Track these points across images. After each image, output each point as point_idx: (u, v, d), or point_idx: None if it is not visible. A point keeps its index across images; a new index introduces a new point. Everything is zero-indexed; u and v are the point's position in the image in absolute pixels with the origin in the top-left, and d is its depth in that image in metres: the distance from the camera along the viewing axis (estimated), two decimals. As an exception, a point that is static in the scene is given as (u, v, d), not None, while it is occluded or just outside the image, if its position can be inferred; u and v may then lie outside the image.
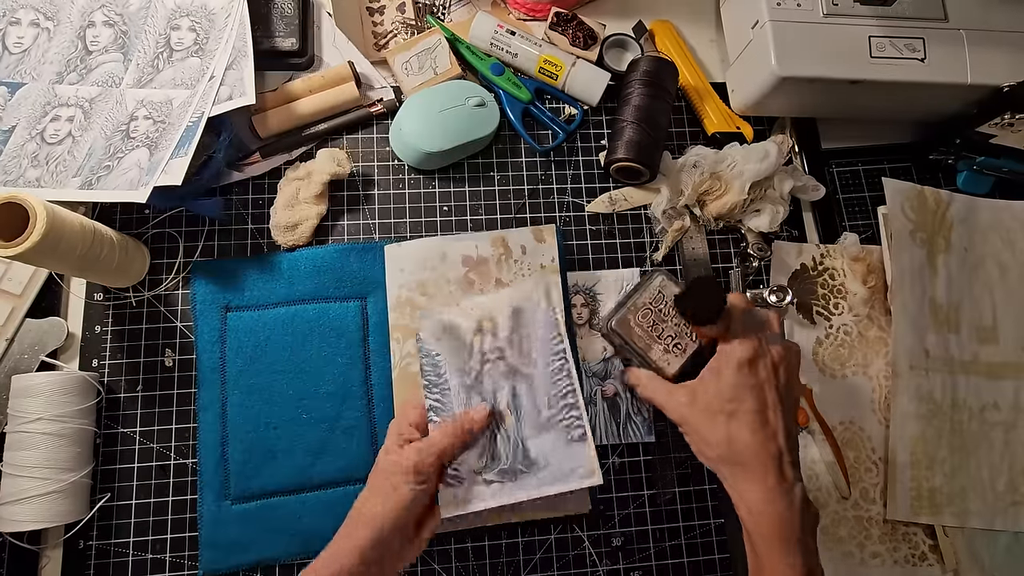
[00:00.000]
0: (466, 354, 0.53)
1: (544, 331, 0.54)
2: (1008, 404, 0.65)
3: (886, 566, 0.60)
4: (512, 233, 0.61)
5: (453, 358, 0.52)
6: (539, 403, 0.53)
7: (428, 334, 0.52)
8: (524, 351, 0.54)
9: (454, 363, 0.53)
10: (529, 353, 0.54)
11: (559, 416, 0.53)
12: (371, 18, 0.70)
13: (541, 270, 0.60)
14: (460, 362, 0.53)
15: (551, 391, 0.53)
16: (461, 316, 0.53)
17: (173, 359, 0.58)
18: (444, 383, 0.52)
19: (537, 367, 0.54)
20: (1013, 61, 0.64)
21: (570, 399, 0.53)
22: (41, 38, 0.62)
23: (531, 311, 0.54)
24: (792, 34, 0.62)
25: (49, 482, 0.50)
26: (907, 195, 0.68)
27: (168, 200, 0.57)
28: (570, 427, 0.53)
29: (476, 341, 0.53)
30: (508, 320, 0.53)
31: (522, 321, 0.53)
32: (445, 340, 0.52)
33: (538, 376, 0.53)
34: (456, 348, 0.52)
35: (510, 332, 0.53)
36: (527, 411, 0.53)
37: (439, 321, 0.52)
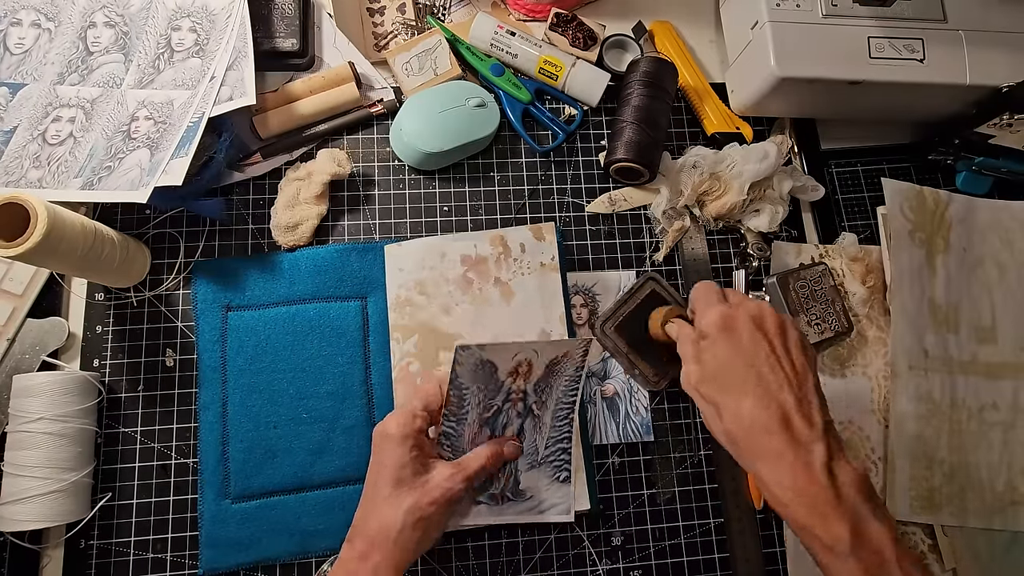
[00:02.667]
0: (495, 392, 0.52)
1: (568, 384, 0.55)
2: (1007, 404, 0.65)
3: (885, 565, 0.60)
4: (511, 232, 0.61)
5: (482, 395, 0.52)
6: (539, 443, 0.55)
7: (465, 370, 0.50)
8: (543, 398, 0.54)
9: (481, 399, 0.52)
10: (546, 400, 0.54)
11: (552, 457, 0.56)
12: (371, 19, 0.70)
13: (541, 268, 0.60)
14: (486, 398, 0.52)
15: (552, 434, 0.55)
16: (500, 356, 0.51)
17: (174, 359, 0.58)
18: (464, 414, 0.52)
19: (547, 411, 0.55)
20: (1012, 61, 0.64)
21: (565, 444, 0.56)
22: (42, 39, 0.62)
23: (566, 365, 0.54)
24: (791, 35, 0.62)
25: (50, 482, 0.51)
26: (906, 195, 0.68)
27: (169, 200, 0.57)
28: (559, 468, 0.56)
29: (508, 382, 0.52)
30: (543, 369, 0.53)
31: (554, 373, 0.53)
32: (480, 376, 0.51)
33: (545, 419, 0.55)
34: (487, 385, 0.52)
35: (539, 379, 0.53)
36: (527, 447, 0.55)
37: (478, 359, 0.50)
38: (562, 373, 0.54)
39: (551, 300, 0.60)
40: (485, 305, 0.59)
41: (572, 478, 0.56)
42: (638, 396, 0.61)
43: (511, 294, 0.60)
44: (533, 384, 0.53)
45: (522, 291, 0.60)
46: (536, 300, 0.60)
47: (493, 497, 0.54)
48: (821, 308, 0.62)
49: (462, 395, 0.51)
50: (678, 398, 0.62)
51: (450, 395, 0.50)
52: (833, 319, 0.62)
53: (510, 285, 0.60)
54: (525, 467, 0.55)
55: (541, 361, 0.52)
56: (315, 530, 0.55)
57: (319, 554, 0.55)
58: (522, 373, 0.53)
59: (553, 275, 0.60)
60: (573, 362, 0.54)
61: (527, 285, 0.60)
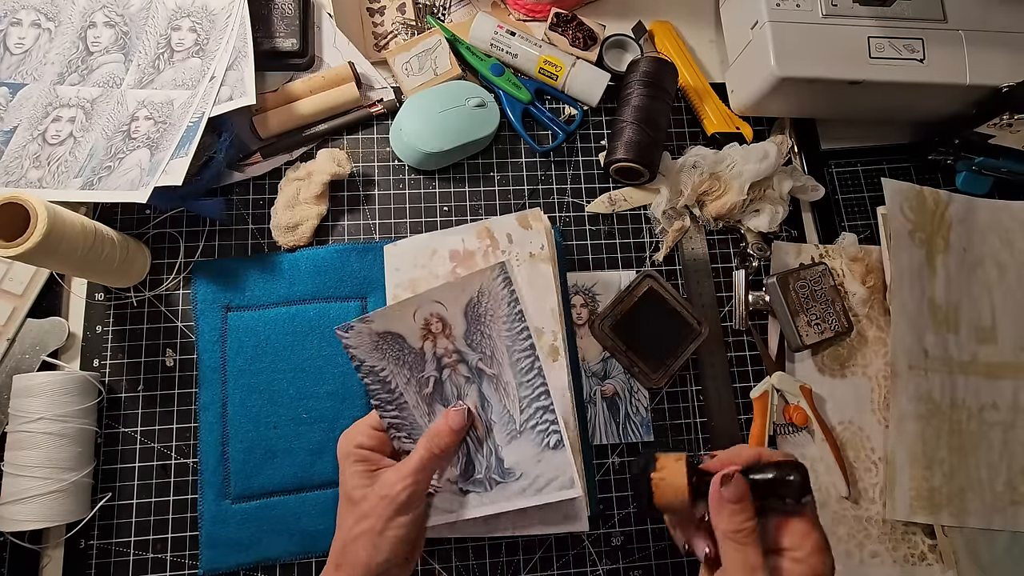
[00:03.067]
0: (418, 361, 0.46)
1: (508, 325, 0.46)
2: (1007, 404, 0.65)
3: (885, 565, 0.60)
4: (496, 222, 0.58)
5: (401, 369, 0.46)
6: (510, 406, 0.47)
7: (362, 351, 0.44)
8: (486, 351, 0.47)
9: (404, 374, 0.46)
10: (492, 352, 0.47)
11: (532, 421, 0.47)
12: (371, 19, 0.70)
13: (530, 259, 0.57)
14: (412, 372, 0.46)
15: (522, 392, 0.47)
16: (399, 320, 0.45)
17: (174, 359, 0.58)
18: (399, 398, 0.46)
19: (504, 366, 0.47)
20: (1012, 61, 0.64)
21: (543, 400, 0.47)
22: (42, 39, 0.62)
23: (489, 303, 0.46)
24: (791, 35, 0.62)
25: (50, 482, 0.51)
26: (906, 195, 0.68)
27: (169, 200, 0.57)
28: (545, 432, 0.47)
29: (428, 347, 0.46)
30: (462, 317, 0.46)
31: (481, 317, 0.46)
32: (387, 350, 0.45)
33: (506, 375, 0.47)
34: (403, 357, 0.46)
35: (466, 331, 0.46)
36: (498, 415, 0.47)
37: (371, 333, 0.44)
38: (493, 315, 0.46)
39: (542, 294, 0.56)
40: None
41: (565, 441, 0.47)
42: (638, 396, 0.61)
43: None
44: (463, 339, 0.46)
45: None
46: (527, 295, 0.55)
47: (479, 483, 0.47)
48: (821, 308, 0.62)
49: (381, 379, 0.45)
50: (678, 398, 0.62)
51: (366, 383, 0.45)
52: (833, 319, 0.62)
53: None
54: (505, 439, 0.47)
55: (454, 311, 0.46)
56: (315, 530, 0.55)
57: (319, 554, 0.55)
58: (436, 332, 0.46)
59: (543, 266, 0.56)
60: (497, 297, 0.46)
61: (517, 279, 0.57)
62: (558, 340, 0.54)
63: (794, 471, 0.37)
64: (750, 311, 0.65)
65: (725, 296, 0.66)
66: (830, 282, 0.63)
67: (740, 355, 0.64)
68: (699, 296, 0.65)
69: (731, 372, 0.64)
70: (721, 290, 0.66)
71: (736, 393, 0.63)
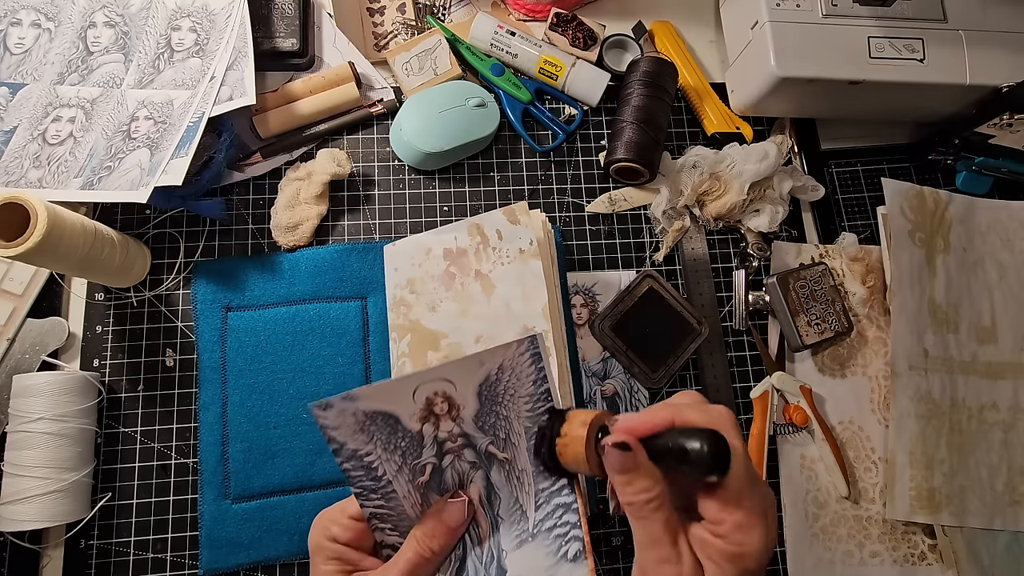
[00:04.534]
0: (414, 446, 0.37)
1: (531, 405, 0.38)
2: (1007, 404, 0.65)
3: (885, 565, 0.60)
4: (486, 218, 0.57)
5: (392, 454, 0.37)
6: (523, 500, 0.38)
7: (343, 432, 0.36)
8: (500, 435, 0.38)
9: (395, 460, 0.37)
10: (507, 434, 0.38)
11: (550, 521, 0.38)
12: (371, 19, 0.70)
13: (520, 256, 0.55)
14: (406, 458, 0.37)
15: (540, 484, 0.38)
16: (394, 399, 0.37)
17: (174, 359, 0.58)
18: (386, 487, 0.37)
19: (520, 450, 0.38)
20: (1012, 61, 0.64)
21: (565, 496, 0.37)
22: (42, 39, 0.62)
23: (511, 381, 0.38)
24: (791, 35, 0.62)
25: (50, 482, 0.51)
26: (906, 195, 0.68)
27: (169, 200, 0.57)
28: (564, 538, 0.37)
29: (428, 429, 0.37)
30: (474, 398, 0.37)
31: (497, 397, 0.38)
32: (376, 432, 0.37)
33: (522, 461, 0.38)
34: (394, 441, 0.37)
35: (477, 412, 0.38)
36: (507, 510, 0.38)
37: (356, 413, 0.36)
38: (514, 395, 0.38)
39: (532, 292, 0.55)
40: (467, 301, 0.57)
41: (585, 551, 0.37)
42: (638, 396, 0.61)
43: (491, 288, 0.56)
44: (472, 423, 0.38)
45: (502, 283, 0.56)
46: (516, 293, 0.55)
47: None
48: (821, 308, 0.62)
49: (365, 464, 0.37)
50: (678, 398, 0.62)
51: (346, 469, 0.36)
52: (833, 319, 0.62)
53: (490, 278, 0.56)
54: (512, 542, 0.38)
55: (465, 390, 0.37)
56: (315, 530, 0.55)
57: (319, 554, 0.55)
58: (440, 414, 0.38)
59: (533, 263, 0.55)
60: (522, 374, 0.38)
61: (507, 276, 0.56)
62: (549, 340, 0.53)
63: (699, 439, 0.31)
64: (750, 311, 0.65)
65: (725, 296, 0.66)
66: (830, 282, 0.63)
67: (740, 355, 0.64)
68: (699, 296, 0.65)
69: (731, 372, 0.64)
70: (721, 290, 0.66)
71: (736, 393, 0.63)
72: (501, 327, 0.55)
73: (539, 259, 0.55)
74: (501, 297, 0.56)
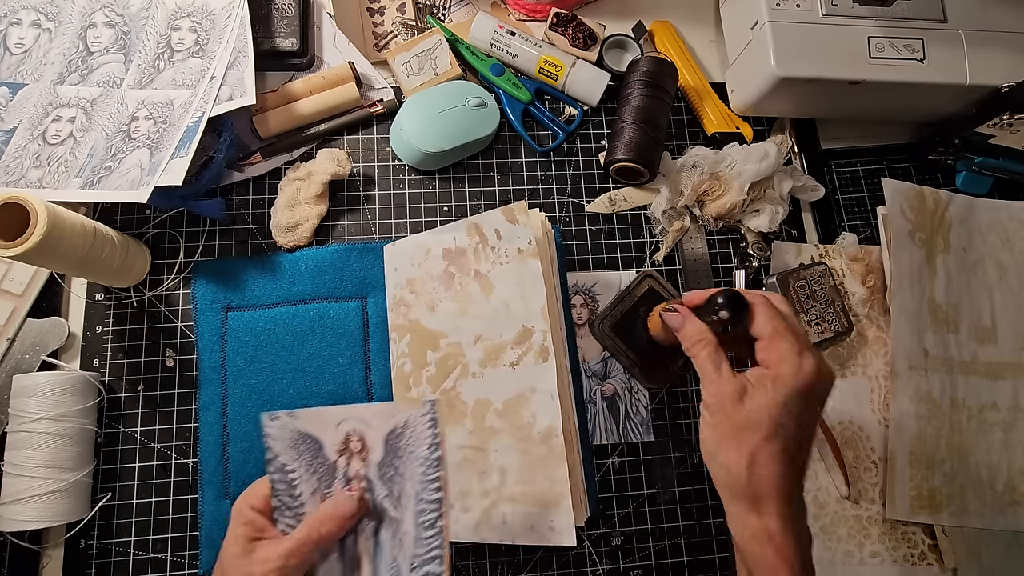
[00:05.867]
0: (327, 475, 0.42)
1: (423, 469, 0.41)
2: (1007, 404, 0.65)
3: (885, 565, 0.60)
4: (484, 218, 0.57)
5: (311, 477, 0.42)
6: (401, 561, 0.41)
7: (282, 445, 0.41)
8: (394, 491, 0.42)
9: (312, 483, 0.42)
10: (399, 495, 0.42)
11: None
12: (371, 19, 0.70)
13: (519, 255, 0.55)
14: (320, 484, 0.42)
15: (417, 549, 0.41)
16: (320, 426, 0.42)
17: (174, 359, 0.58)
18: (299, 506, 0.42)
19: (407, 513, 0.42)
20: (1012, 61, 0.64)
21: (435, 566, 0.40)
22: (42, 39, 0.62)
23: (411, 439, 0.42)
24: (791, 35, 0.62)
25: (50, 482, 0.51)
26: (906, 195, 0.68)
27: (169, 200, 0.57)
28: None
29: (342, 463, 0.42)
30: (382, 445, 0.42)
31: (399, 451, 0.42)
32: (303, 452, 0.42)
33: (406, 526, 0.42)
34: (314, 465, 0.42)
35: (381, 460, 0.42)
36: (386, 567, 0.42)
37: (294, 431, 0.41)
38: (411, 454, 0.42)
39: (531, 292, 0.55)
40: (466, 301, 0.57)
41: None
42: (638, 396, 0.61)
43: (490, 287, 0.56)
44: (376, 469, 0.42)
45: (501, 283, 0.56)
46: (515, 293, 0.55)
47: None
48: (821, 308, 0.62)
49: (288, 481, 0.42)
50: (678, 398, 0.62)
51: (272, 479, 0.41)
52: (833, 319, 0.62)
53: (489, 277, 0.56)
54: None
55: (375, 434, 0.42)
56: (315, 530, 0.55)
57: (319, 554, 0.55)
58: (354, 451, 0.42)
59: (532, 262, 0.55)
60: (420, 436, 0.41)
61: (506, 276, 0.56)
62: (547, 340, 0.53)
63: (720, 295, 0.44)
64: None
65: (725, 296, 0.66)
66: (830, 282, 0.63)
67: (740, 355, 0.64)
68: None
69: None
70: (721, 290, 0.66)
71: (736, 393, 0.63)
72: (500, 327, 0.55)
73: (538, 259, 0.55)
74: (500, 297, 0.56)
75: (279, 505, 0.42)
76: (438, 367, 0.56)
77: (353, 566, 0.42)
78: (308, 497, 0.42)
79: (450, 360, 0.56)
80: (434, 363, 0.56)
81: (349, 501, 0.41)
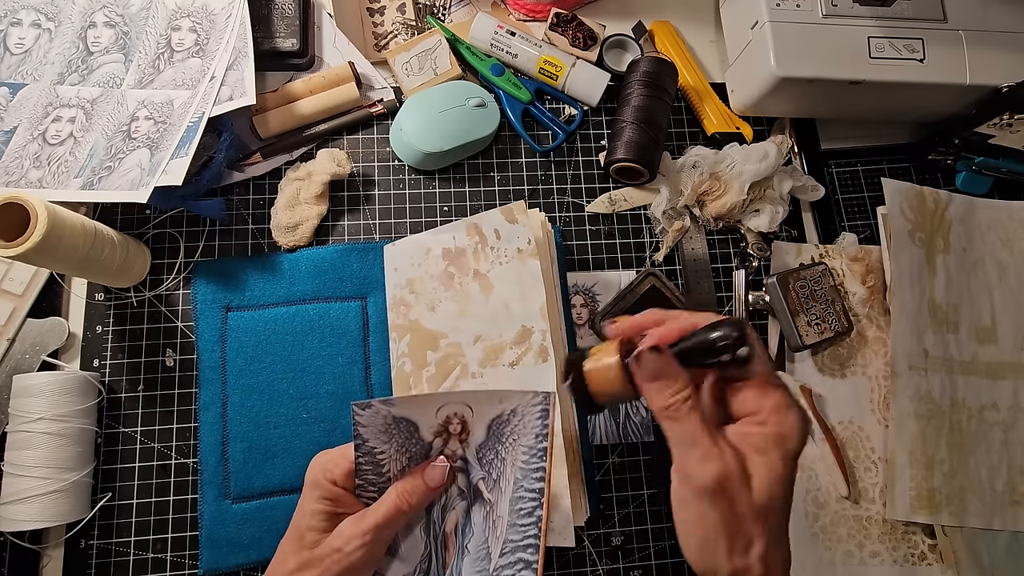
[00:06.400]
0: (420, 453, 0.42)
1: (526, 458, 0.41)
2: (1007, 404, 0.65)
3: (885, 565, 0.60)
4: (484, 217, 0.57)
5: (401, 456, 0.42)
6: (492, 544, 0.41)
7: (372, 431, 0.40)
8: (492, 473, 0.41)
9: (401, 462, 0.42)
10: (498, 477, 0.41)
11: (509, 571, 0.40)
12: (371, 19, 0.70)
13: (518, 255, 0.56)
14: (410, 462, 0.42)
15: (510, 535, 0.40)
16: (421, 410, 0.41)
17: (174, 359, 0.58)
18: (385, 482, 0.41)
19: (504, 497, 0.41)
20: (1012, 61, 0.64)
21: (529, 554, 0.39)
22: (42, 39, 0.62)
23: (518, 426, 0.41)
24: (791, 35, 0.62)
25: (50, 482, 0.51)
26: (906, 195, 0.68)
27: (169, 200, 0.57)
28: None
29: (438, 443, 0.42)
30: (484, 429, 0.42)
31: (502, 436, 0.41)
32: (395, 435, 0.41)
33: (501, 508, 0.41)
34: (407, 446, 0.42)
35: (482, 443, 0.42)
36: (475, 547, 0.41)
37: (387, 416, 0.40)
38: (515, 440, 0.41)
39: (530, 292, 0.55)
40: (466, 301, 0.57)
41: None
42: (638, 396, 0.61)
43: (490, 287, 0.57)
44: (474, 451, 0.42)
45: (500, 283, 0.56)
46: (515, 293, 0.56)
47: None
48: (821, 308, 0.62)
49: (376, 461, 0.41)
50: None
51: (359, 462, 0.41)
52: (833, 319, 0.62)
53: (488, 277, 0.57)
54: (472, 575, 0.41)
55: (479, 418, 0.41)
56: (315, 530, 0.55)
57: (319, 554, 0.55)
58: (453, 432, 0.42)
59: (531, 262, 0.55)
60: (528, 424, 0.40)
61: (505, 276, 0.56)
62: (547, 340, 0.53)
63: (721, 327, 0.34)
64: (750, 311, 0.65)
65: (725, 296, 0.66)
66: (830, 282, 0.63)
67: (740, 355, 0.64)
68: (699, 296, 0.65)
69: (731, 372, 0.64)
70: (721, 290, 0.66)
71: (736, 393, 0.63)
72: (499, 327, 0.55)
73: (537, 259, 0.56)
74: (499, 297, 0.56)
75: (363, 483, 0.41)
76: (438, 367, 0.56)
77: (440, 542, 0.42)
78: (395, 474, 0.42)
79: (450, 360, 0.56)
80: (434, 363, 0.56)
81: (436, 470, 0.41)
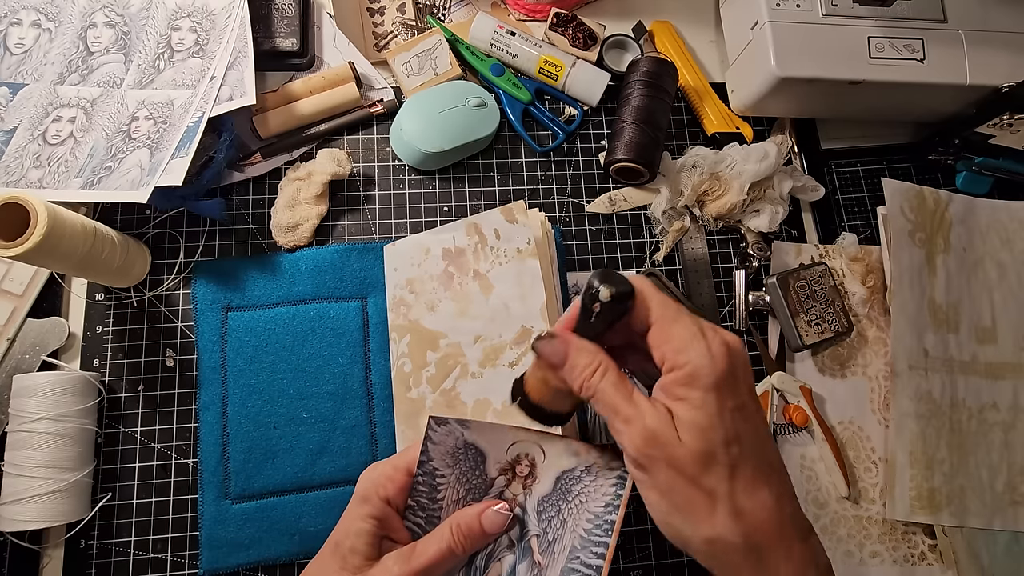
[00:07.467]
0: (481, 488, 0.39)
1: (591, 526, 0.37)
2: (1007, 404, 0.65)
3: (885, 565, 0.60)
4: (483, 217, 0.58)
5: (459, 486, 0.39)
6: None
7: (441, 451, 0.38)
8: (548, 533, 0.38)
9: (456, 492, 0.39)
10: (553, 541, 0.37)
11: None
12: (371, 19, 0.70)
13: (518, 255, 0.56)
14: (465, 494, 0.39)
15: None
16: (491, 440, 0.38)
17: (174, 359, 0.58)
18: (436, 509, 0.38)
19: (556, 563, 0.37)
20: (1012, 61, 0.64)
21: None
22: (42, 39, 0.62)
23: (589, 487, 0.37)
24: (791, 35, 0.62)
25: (50, 482, 0.51)
26: (906, 195, 0.68)
27: (169, 200, 0.57)
28: None
29: (500, 482, 0.39)
30: (551, 480, 0.38)
31: (569, 495, 0.37)
32: (461, 461, 0.38)
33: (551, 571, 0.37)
34: (469, 476, 0.39)
35: (546, 496, 0.38)
36: None
37: (460, 439, 0.37)
38: (581, 503, 0.37)
39: (530, 291, 0.55)
40: (466, 301, 0.57)
41: None
42: (638, 396, 0.61)
43: (490, 287, 0.57)
44: (536, 502, 0.38)
45: (500, 283, 0.56)
46: (515, 293, 0.56)
47: None
48: (821, 308, 0.62)
49: (435, 484, 0.38)
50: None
51: (418, 481, 0.38)
52: (833, 319, 0.62)
53: (488, 277, 0.57)
54: None
55: (548, 465, 0.38)
56: (315, 530, 0.55)
57: (319, 554, 0.55)
58: (520, 475, 0.39)
59: (531, 262, 0.55)
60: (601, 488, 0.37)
61: (505, 276, 0.56)
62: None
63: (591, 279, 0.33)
64: (750, 311, 0.65)
65: (725, 296, 0.66)
66: (830, 282, 0.63)
67: (740, 355, 0.64)
68: (699, 296, 0.65)
69: (731, 372, 0.64)
70: (721, 290, 0.66)
71: (736, 393, 0.63)
72: (499, 327, 0.55)
73: (537, 258, 0.56)
74: (499, 297, 0.56)
75: (414, 505, 0.38)
76: (438, 367, 0.56)
77: None
78: (450, 504, 0.39)
79: (450, 360, 0.56)
80: (434, 363, 0.56)
81: (498, 517, 0.37)
